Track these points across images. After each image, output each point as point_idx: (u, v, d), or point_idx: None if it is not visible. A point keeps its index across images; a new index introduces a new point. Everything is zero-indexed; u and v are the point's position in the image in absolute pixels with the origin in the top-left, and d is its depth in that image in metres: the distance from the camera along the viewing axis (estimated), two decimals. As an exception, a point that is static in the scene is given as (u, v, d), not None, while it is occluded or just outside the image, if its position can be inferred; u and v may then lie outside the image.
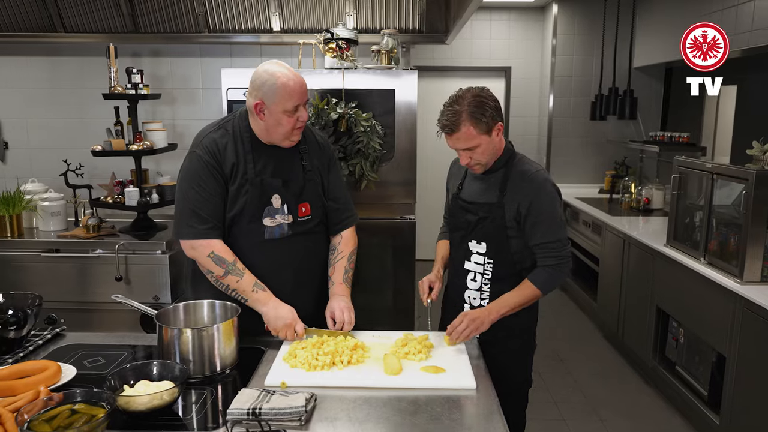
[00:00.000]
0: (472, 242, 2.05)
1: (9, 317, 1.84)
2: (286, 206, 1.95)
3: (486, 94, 1.89)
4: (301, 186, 1.98)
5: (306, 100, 1.89)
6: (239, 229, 1.93)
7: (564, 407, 3.40)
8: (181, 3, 3.54)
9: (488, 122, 1.86)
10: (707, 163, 3.08)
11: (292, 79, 1.83)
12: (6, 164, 3.97)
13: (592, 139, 5.78)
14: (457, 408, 1.52)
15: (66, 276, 3.22)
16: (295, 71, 1.88)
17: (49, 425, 1.30)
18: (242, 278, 1.87)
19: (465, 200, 2.06)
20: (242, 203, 1.90)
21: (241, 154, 1.90)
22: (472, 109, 1.84)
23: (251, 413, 1.41)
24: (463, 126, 1.85)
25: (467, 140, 1.87)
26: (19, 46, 3.79)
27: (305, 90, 1.88)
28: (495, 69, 6.21)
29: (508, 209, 1.95)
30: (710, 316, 2.95)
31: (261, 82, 1.83)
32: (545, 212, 1.94)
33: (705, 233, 3.09)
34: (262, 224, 1.93)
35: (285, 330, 1.85)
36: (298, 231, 1.98)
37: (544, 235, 1.94)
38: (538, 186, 1.94)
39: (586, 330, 4.64)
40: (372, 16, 3.58)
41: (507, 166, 1.99)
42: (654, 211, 4.60)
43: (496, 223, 1.97)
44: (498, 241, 2.00)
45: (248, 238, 1.93)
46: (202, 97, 3.85)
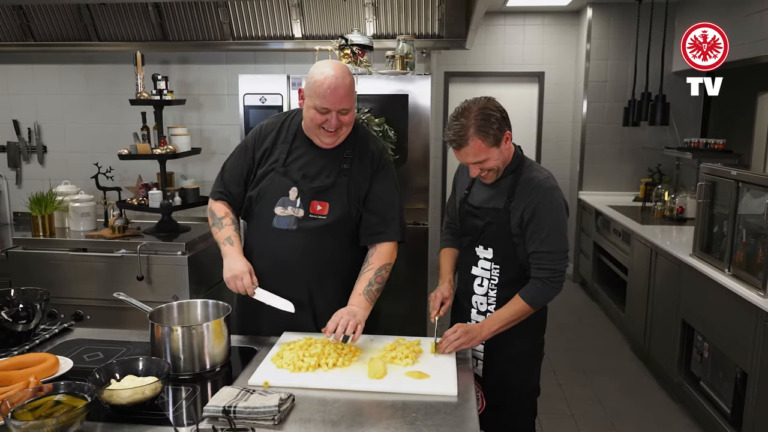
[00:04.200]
0: (479, 248, 2.03)
1: (19, 311, 1.94)
2: (299, 200, 1.98)
3: (492, 105, 1.86)
4: (326, 186, 1.98)
5: (343, 109, 1.88)
6: (256, 211, 2.04)
7: (581, 420, 3.32)
8: (207, 12, 3.65)
9: (496, 134, 1.84)
10: (732, 170, 2.96)
11: (329, 82, 1.85)
12: (44, 167, 4.17)
13: (627, 145, 5.64)
14: (433, 414, 1.51)
15: (93, 274, 3.35)
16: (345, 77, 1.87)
17: (32, 414, 1.37)
18: (220, 230, 2.03)
19: (473, 205, 2.05)
20: (261, 187, 2.01)
21: (281, 142, 2.02)
22: (479, 123, 1.82)
23: (225, 411, 1.44)
24: (471, 140, 1.83)
25: (476, 154, 1.86)
26: (57, 55, 3.99)
27: (340, 98, 1.86)
28: (528, 74, 6.13)
29: (513, 215, 1.93)
30: (733, 330, 2.83)
31: (310, 72, 1.92)
32: (546, 221, 1.90)
33: (730, 244, 2.96)
34: (273, 211, 1.99)
35: (233, 281, 1.92)
36: (306, 227, 1.97)
37: (542, 244, 1.91)
38: (543, 194, 1.91)
39: (614, 342, 4.51)
40: (391, 22, 3.60)
41: (516, 173, 1.96)
42: (687, 220, 4.43)
43: (502, 229, 1.95)
44: (504, 247, 1.98)
45: (259, 222, 2.03)
46: (227, 102, 3.95)
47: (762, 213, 2.77)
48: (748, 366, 2.67)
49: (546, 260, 1.90)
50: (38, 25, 3.80)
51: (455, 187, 2.20)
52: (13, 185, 4.20)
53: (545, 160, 6.13)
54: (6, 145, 4.15)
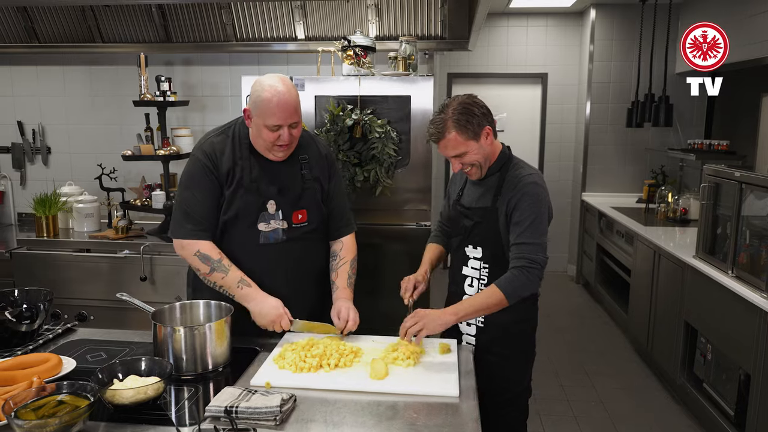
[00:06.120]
0: (469, 247, 2.04)
1: (23, 311, 1.95)
2: (280, 212, 2.00)
3: (472, 100, 1.90)
4: (298, 194, 2.02)
5: (293, 123, 1.89)
6: (236, 233, 1.98)
7: (583, 422, 3.31)
8: (211, 13, 3.67)
9: (474, 128, 1.87)
10: (736, 171, 2.95)
11: (278, 98, 1.83)
12: (49, 168, 4.19)
13: (630, 147, 5.63)
14: (434, 414, 1.51)
15: (96, 275, 3.37)
16: (291, 91, 1.86)
17: (35, 414, 1.37)
18: (227, 275, 1.92)
19: (464, 206, 2.07)
20: (237, 207, 1.95)
21: (239, 159, 1.95)
22: (456, 117, 1.85)
23: (227, 411, 1.45)
24: (448, 133, 1.87)
25: (454, 147, 1.89)
26: (61, 56, 4.01)
27: (291, 112, 1.86)
28: (531, 75, 6.13)
29: (500, 213, 1.94)
30: (736, 332, 2.82)
31: (253, 90, 1.88)
32: (526, 213, 1.89)
33: (734, 245, 2.96)
34: (257, 229, 1.98)
35: (271, 326, 1.90)
36: (294, 236, 2.03)
37: (520, 236, 1.89)
38: (523, 188, 1.91)
39: (617, 343, 4.50)
40: (394, 23, 3.61)
41: (502, 171, 1.97)
42: (691, 221, 4.41)
43: (490, 228, 1.96)
44: (493, 246, 1.98)
45: (244, 243, 1.99)
46: (230, 104, 3.97)
47: (766, 214, 2.77)
48: (752, 368, 2.66)
49: (524, 250, 1.87)
50: (43, 26, 3.82)
51: (449, 192, 2.22)
52: (18, 186, 4.22)
53: (548, 162, 6.13)
54: (10, 146, 4.17)
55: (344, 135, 3.04)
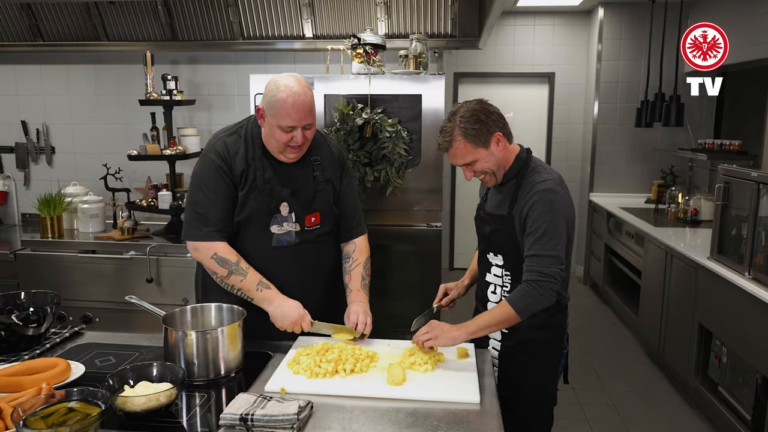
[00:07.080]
0: (490, 254, 1.99)
1: (30, 314, 1.90)
2: (293, 215, 1.96)
3: (480, 107, 1.82)
4: (311, 197, 1.99)
5: (307, 124, 1.86)
6: (248, 235, 1.95)
7: (596, 425, 3.26)
8: (217, 11, 3.62)
9: (482, 135, 1.80)
10: (753, 171, 2.90)
11: (294, 98, 1.80)
12: (53, 168, 4.15)
13: (638, 147, 5.57)
14: (456, 422, 1.46)
15: (102, 276, 3.32)
16: (306, 92, 1.83)
17: (45, 422, 1.33)
18: (246, 277, 1.88)
19: (485, 212, 2.01)
20: (250, 209, 1.92)
21: (252, 160, 1.91)
22: (463, 125, 1.79)
23: (243, 419, 1.40)
24: (455, 142, 1.81)
25: (463, 156, 1.83)
26: (65, 55, 3.96)
27: (306, 113, 1.83)
28: (538, 75, 6.08)
29: (516, 221, 1.86)
30: (753, 334, 2.77)
31: (268, 89, 1.84)
32: (538, 223, 1.80)
33: (750, 246, 2.91)
34: (270, 231, 1.94)
35: (292, 327, 1.86)
36: (307, 239, 1.99)
37: (531, 247, 1.80)
38: (537, 195, 1.81)
39: (628, 345, 4.45)
40: (404, 21, 3.56)
41: (518, 177, 1.90)
42: (702, 222, 4.36)
43: (508, 236, 1.90)
44: (513, 254, 1.91)
45: (257, 245, 1.95)
46: (237, 103, 3.93)
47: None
48: (770, 371, 2.61)
49: (535, 263, 1.79)
50: (47, 24, 3.78)
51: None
52: (22, 186, 4.17)
53: (555, 162, 6.07)
54: (14, 145, 4.13)
55: (354, 134, 2.99)
